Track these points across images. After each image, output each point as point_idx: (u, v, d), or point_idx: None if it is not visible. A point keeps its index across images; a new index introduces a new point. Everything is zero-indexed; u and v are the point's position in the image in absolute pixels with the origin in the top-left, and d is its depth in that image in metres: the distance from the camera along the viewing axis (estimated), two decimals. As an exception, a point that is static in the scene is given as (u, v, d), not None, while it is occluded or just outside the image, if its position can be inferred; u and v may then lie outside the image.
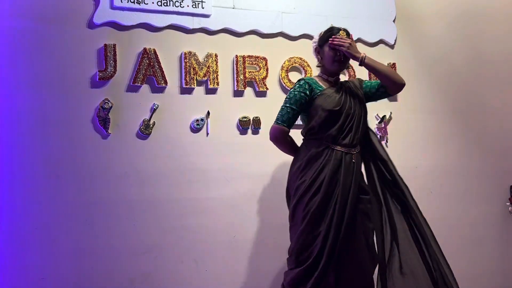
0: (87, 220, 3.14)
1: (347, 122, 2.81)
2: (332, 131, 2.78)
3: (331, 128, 2.78)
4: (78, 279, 3.11)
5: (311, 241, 2.71)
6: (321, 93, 2.82)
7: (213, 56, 3.42)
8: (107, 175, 3.19)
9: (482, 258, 4.12)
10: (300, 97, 2.80)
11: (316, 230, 2.70)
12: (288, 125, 2.83)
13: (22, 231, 3.02)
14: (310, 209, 2.70)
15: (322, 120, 2.77)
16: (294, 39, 3.68)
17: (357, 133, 2.84)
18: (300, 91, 2.82)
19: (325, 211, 2.70)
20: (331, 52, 2.83)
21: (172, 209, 3.31)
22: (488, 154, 4.20)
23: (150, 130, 3.28)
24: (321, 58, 2.90)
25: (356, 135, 2.84)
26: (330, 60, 2.85)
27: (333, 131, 2.78)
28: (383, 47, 3.92)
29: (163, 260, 3.28)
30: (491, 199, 4.19)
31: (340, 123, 2.79)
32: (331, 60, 2.85)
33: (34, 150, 3.06)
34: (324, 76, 2.91)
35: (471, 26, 4.20)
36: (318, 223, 2.70)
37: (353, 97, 2.89)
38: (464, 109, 4.16)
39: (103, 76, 3.18)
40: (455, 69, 4.14)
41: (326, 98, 2.80)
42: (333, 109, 2.78)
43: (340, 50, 2.81)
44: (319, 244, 2.67)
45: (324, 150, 2.78)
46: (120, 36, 3.25)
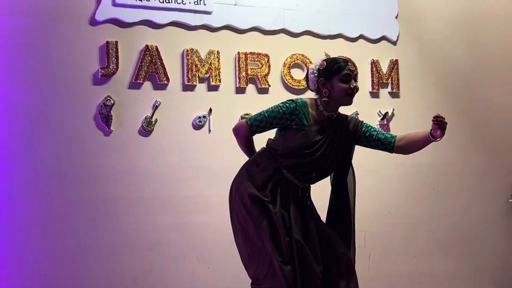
0: (89, 217, 3.14)
1: (313, 169, 2.62)
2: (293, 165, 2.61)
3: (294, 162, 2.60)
4: (81, 276, 3.11)
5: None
6: (301, 128, 2.59)
7: (215, 53, 3.42)
8: (109, 172, 3.19)
9: (484, 255, 4.12)
10: (280, 117, 2.59)
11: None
12: (254, 131, 2.65)
13: (25, 228, 3.03)
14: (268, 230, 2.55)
15: (288, 152, 2.59)
16: (296, 36, 3.67)
17: (318, 179, 2.68)
18: (284, 111, 2.59)
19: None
20: (344, 84, 2.58)
21: (174, 206, 3.31)
22: (491, 151, 4.20)
23: (152, 127, 3.28)
24: (328, 92, 2.60)
25: (315, 180, 2.68)
26: (342, 93, 2.58)
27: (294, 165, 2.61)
28: (386, 44, 3.91)
29: (165, 257, 3.28)
30: (494, 196, 4.19)
31: (305, 165, 2.61)
32: (343, 93, 2.58)
33: (36, 147, 3.06)
34: (321, 108, 2.63)
35: (474, 23, 4.19)
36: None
37: (336, 149, 2.65)
38: (467, 106, 4.15)
39: (105, 73, 3.18)
40: (457, 66, 4.13)
41: (302, 136, 2.58)
42: (302, 151, 2.57)
43: (440, 130, 2.58)
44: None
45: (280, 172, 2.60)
46: (122, 33, 3.25)
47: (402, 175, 3.89)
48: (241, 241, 2.66)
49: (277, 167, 2.60)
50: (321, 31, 3.71)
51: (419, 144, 2.73)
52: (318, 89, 2.65)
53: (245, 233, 2.63)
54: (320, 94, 2.65)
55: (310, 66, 2.71)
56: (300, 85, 3.62)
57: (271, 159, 2.63)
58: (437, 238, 3.99)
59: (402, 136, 2.75)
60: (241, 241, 2.66)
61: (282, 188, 2.61)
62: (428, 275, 3.96)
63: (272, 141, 2.70)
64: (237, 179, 2.72)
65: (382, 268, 3.81)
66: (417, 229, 3.95)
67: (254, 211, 2.58)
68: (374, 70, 3.83)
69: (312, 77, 2.65)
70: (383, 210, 3.85)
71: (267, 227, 2.55)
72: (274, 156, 2.62)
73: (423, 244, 3.97)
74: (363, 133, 2.72)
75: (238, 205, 2.65)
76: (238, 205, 2.64)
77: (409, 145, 2.75)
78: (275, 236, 2.54)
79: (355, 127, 2.71)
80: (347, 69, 2.59)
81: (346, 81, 2.59)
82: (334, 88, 2.60)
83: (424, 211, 3.97)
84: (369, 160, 3.79)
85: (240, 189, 2.65)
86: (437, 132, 2.60)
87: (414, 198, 3.95)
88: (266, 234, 2.55)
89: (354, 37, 3.81)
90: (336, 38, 3.77)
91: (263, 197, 2.57)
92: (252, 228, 2.59)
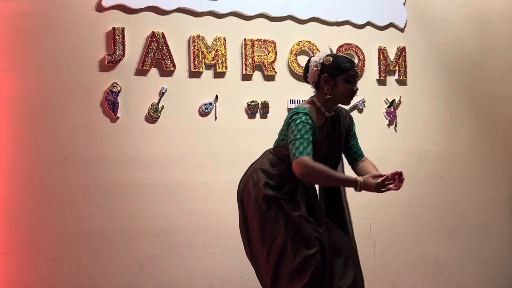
0: (96, 203, 3.15)
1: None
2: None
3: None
4: (88, 261, 3.14)
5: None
6: (316, 139, 2.56)
7: (222, 39, 3.40)
8: (116, 159, 3.20)
9: (491, 243, 4.12)
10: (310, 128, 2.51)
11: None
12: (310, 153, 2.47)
13: (32, 214, 3.05)
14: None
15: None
16: (303, 23, 3.65)
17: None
18: (310, 124, 2.52)
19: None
20: (348, 85, 2.58)
21: (181, 192, 3.32)
22: (498, 140, 4.18)
23: (159, 114, 3.29)
24: (331, 89, 2.59)
25: None
26: (344, 93, 2.59)
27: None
28: (393, 31, 3.88)
29: (171, 243, 3.30)
30: (500, 184, 4.18)
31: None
32: (345, 94, 2.59)
33: (43, 134, 3.07)
34: (322, 109, 2.62)
35: (482, 10, 4.15)
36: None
37: (339, 145, 2.70)
38: (474, 94, 4.13)
39: (112, 60, 3.18)
40: (465, 53, 4.10)
41: (318, 146, 2.57)
42: (317, 158, 2.53)
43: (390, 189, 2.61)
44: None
45: (292, 176, 2.56)
46: (129, 19, 3.24)
47: (409, 163, 3.88)
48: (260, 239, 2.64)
49: (292, 173, 2.56)
50: (328, 17, 3.69)
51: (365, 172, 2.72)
52: (318, 84, 2.63)
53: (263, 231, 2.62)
54: (319, 89, 2.64)
55: (312, 58, 2.66)
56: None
57: (283, 163, 2.63)
58: (443, 226, 3.99)
59: (364, 161, 2.79)
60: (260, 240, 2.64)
61: (297, 189, 2.62)
62: (433, 263, 3.96)
63: (281, 149, 2.65)
64: (250, 178, 2.71)
65: (387, 256, 3.82)
66: (423, 217, 3.95)
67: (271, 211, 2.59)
68: (381, 57, 3.80)
69: (315, 70, 2.62)
70: (389, 198, 3.83)
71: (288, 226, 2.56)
72: (288, 162, 2.58)
73: (429, 232, 3.97)
74: (349, 135, 2.78)
75: (252, 205, 2.66)
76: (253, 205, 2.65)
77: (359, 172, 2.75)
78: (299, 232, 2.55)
79: (349, 125, 2.78)
80: (353, 70, 2.60)
81: (350, 82, 2.59)
82: (338, 87, 2.59)
83: (431, 199, 3.97)
84: (375, 148, 3.78)
85: (256, 188, 2.65)
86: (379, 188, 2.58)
87: (421, 186, 3.94)
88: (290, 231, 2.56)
89: (362, 23, 3.79)
90: (343, 25, 3.74)
91: (279, 194, 2.58)
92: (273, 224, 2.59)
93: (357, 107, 3.76)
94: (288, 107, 3.57)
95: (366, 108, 3.78)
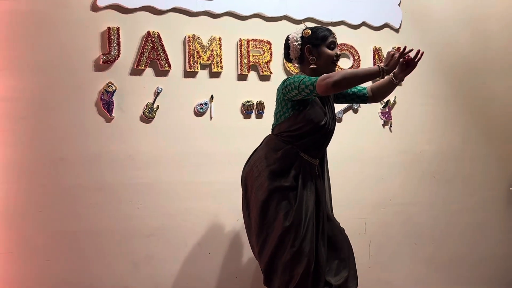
0: (91, 203, 3.15)
1: (324, 139, 2.73)
2: (310, 144, 2.68)
3: (311, 140, 2.68)
4: (83, 261, 3.14)
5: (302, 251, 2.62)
6: (312, 102, 2.66)
7: (217, 39, 3.41)
8: (111, 159, 3.20)
9: (485, 243, 4.14)
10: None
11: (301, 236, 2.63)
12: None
13: (27, 213, 3.05)
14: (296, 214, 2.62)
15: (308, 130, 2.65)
16: (299, 23, 3.64)
17: (324, 150, 2.81)
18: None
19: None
20: (331, 52, 2.70)
21: (176, 192, 3.32)
22: (492, 140, 4.20)
23: (154, 114, 3.29)
24: (316, 59, 2.70)
25: (323, 152, 2.80)
26: (329, 60, 2.71)
27: (311, 144, 2.69)
28: (388, 31, 3.89)
29: (166, 243, 3.30)
30: (495, 184, 4.19)
31: (320, 139, 2.71)
32: (330, 60, 2.71)
33: (38, 133, 3.07)
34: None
35: (477, 11, 4.16)
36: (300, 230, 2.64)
37: (332, 111, 2.77)
38: (469, 94, 4.14)
39: (107, 59, 3.18)
40: (460, 54, 4.12)
41: (315, 110, 2.66)
42: (319, 125, 2.66)
43: (407, 70, 2.65)
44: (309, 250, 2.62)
45: (299, 156, 2.67)
46: (124, 19, 3.23)
47: (403, 162, 3.90)
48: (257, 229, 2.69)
49: (296, 152, 2.66)
50: (324, 18, 3.70)
51: (385, 89, 2.85)
52: (302, 57, 2.74)
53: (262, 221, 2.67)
54: (304, 62, 2.75)
55: (289, 35, 2.79)
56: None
57: (287, 144, 2.67)
58: (437, 225, 4.01)
59: (370, 86, 2.92)
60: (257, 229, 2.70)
61: (303, 171, 2.67)
62: (428, 262, 3.98)
63: (281, 126, 2.71)
64: (254, 167, 2.74)
65: (382, 256, 3.83)
66: (418, 216, 3.97)
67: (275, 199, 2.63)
68: (376, 58, 3.81)
69: (296, 44, 2.73)
70: (383, 198, 3.86)
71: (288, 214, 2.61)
72: (291, 140, 2.66)
73: (424, 231, 3.98)
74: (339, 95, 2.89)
75: (256, 192, 2.69)
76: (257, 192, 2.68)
77: (377, 91, 2.88)
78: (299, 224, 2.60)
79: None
80: (332, 37, 2.73)
81: (332, 48, 2.72)
82: (322, 55, 2.71)
83: (425, 199, 3.98)
84: (370, 148, 3.80)
85: (260, 177, 2.68)
86: (401, 71, 2.69)
87: (415, 186, 3.95)
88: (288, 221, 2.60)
89: (357, 24, 3.80)
90: (338, 25, 3.75)
91: (284, 183, 2.63)
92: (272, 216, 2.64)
93: (352, 107, 3.77)
94: (283, 107, 3.58)
95: (361, 108, 3.79)
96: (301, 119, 2.65)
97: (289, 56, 2.80)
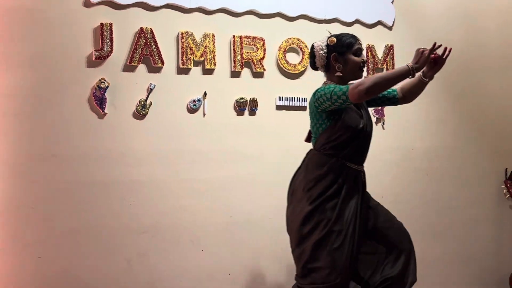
0: (83, 200, 3.14)
1: (365, 143, 2.73)
2: (354, 150, 2.67)
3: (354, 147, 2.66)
4: (75, 258, 3.12)
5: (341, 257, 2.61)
6: (347, 109, 2.65)
7: (210, 36, 3.40)
8: (103, 155, 3.18)
9: (476, 240, 4.17)
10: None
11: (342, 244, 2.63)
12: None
13: (19, 210, 3.02)
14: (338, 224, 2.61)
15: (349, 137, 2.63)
16: (292, 20, 3.65)
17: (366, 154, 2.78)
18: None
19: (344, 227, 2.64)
20: (357, 59, 2.69)
21: (169, 189, 3.31)
22: (484, 137, 4.22)
23: (147, 111, 3.27)
24: (342, 66, 2.69)
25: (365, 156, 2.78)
26: (355, 67, 2.70)
27: (354, 150, 2.67)
28: (381, 29, 3.90)
29: (159, 240, 3.29)
30: (486, 181, 4.22)
31: (361, 144, 2.70)
32: (357, 67, 2.70)
33: (30, 129, 3.05)
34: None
35: (470, 8, 4.18)
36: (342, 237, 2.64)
37: (366, 111, 2.77)
38: (461, 91, 4.16)
39: (100, 56, 3.16)
40: (453, 51, 4.07)
41: (352, 116, 2.65)
42: (357, 129, 2.64)
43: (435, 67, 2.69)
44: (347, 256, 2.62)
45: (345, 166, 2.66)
46: (117, 15, 3.22)
47: (396, 160, 3.91)
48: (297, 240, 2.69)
49: (341, 164, 2.64)
50: (317, 15, 3.70)
51: (416, 89, 2.85)
52: (328, 65, 2.72)
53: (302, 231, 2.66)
54: (330, 70, 2.73)
55: (315, 44, 2.76)
56: (295, 69, 3.61)
57: (331, 157, 2.65)
58: (429, 222, 4.02)
59: (400, 87, 2.87)
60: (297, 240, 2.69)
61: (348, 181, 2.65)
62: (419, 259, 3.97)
63: (321, 139, 2.68)
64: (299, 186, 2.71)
65: (374, 252, 3.84)
66: (410, 213, 3.97)
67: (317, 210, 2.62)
68: (369, 55, 3.82)
69: (322, 53, 2.72)
70: (376, 194, 3.84)
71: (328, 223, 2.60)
72: (334, 152, 2.64)
73: (415, 228, 3.97)
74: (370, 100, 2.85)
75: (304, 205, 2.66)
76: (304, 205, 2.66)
77: (408, 92, 2.87)
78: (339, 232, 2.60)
79: None
80: (358, 43, 2.72)
81: (358, 55, 2.71)
82: (348, 62, 2.69)
83: (417, 196, 4.00)
84: (363, 145, 3.81)
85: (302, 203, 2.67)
86: (430, 69, 2.71)
87: (407, 183, 3.97)
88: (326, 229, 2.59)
89: (350, 21, 3.80)
90: (332, 22, 3.75)
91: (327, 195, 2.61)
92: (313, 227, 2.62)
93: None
94: (277, 104, 3.57)
95: (354, 106, 3.80)
96: (339, 128, 2.62)
97: (315, 64, 2.78)
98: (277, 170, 3.53)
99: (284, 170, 3.56)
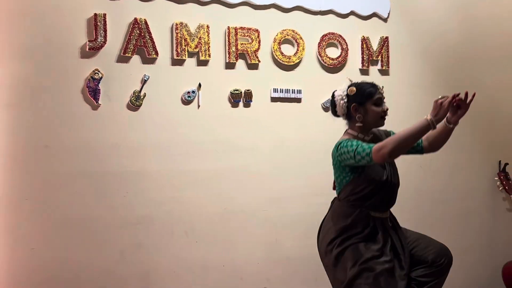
0: (77, 191, 3.13)
1: (390, 193, 2.70)
2: (377, 201, 2.65)
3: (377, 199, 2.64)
4: (68, 250, 3.12)
5: None
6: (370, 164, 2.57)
7: (205, 27, 3.38)
8: (97, 147, 3.17)
9: (470, 232, 4.18)
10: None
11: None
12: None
13: (12, 201, 3.01)
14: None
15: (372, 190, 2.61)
16: (287, 11, 3.64)
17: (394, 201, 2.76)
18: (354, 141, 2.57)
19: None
20: (377, 108, 2.66)
21: (163, 180, 3.31)
22: (478, 129, 4.23)
23: (141, 102, 3.26)
24: (363, 117, 2.65)
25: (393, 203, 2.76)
26: (376, 117, 2.66)
27: (378, 201, 2.65)
28: (376, 21, 3.89)
29: (153, 231, 3.29)
30: (480, 174, 4.23)
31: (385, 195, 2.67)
32: (378, 116, 2.66)
33: (23, 120, 3.03)
34: (360, 136, 2.67)
35: (465, 1, 4.18)
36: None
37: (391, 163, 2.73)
38: (456, 84, 4.16)
39: (93, 46, 3.14)
40: (448, 44, 4.13)
41: (374, 169, 2.61)
42: (380, 182, 2.62)
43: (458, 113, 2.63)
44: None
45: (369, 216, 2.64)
46: (111, 5, 3.20)
47: (390, 152, 3.91)
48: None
49: (366, 214, 2.63)
50: (312, 6, 3.68)
51: (442, 137, 2.79)
52: (349, 114, 2.70)
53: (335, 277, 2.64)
54: (351, 119, 2.71)
55: (335, 93, 2.73)
56: (290, 61, 3.60)
57: (355, 208, 2.64)
58: (423, 215, 4.04)
59: (425, 136, 2.76)
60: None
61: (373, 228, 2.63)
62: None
63: (345, 190, 2.66)
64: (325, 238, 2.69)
65: (368, 244, 3.85)
66: (404, 206, 3.97)
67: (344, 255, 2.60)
68: (364, 47, 3.81)
69: (342, 103, 2.68)
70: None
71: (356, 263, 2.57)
72: (359, 203, 2.63)
73: (410, 221, 4.00)
74: None
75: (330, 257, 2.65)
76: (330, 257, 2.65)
77: (434, 141, 2.83)
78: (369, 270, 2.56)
79: (386, 134, 2.82)
80: (378, 93, 2.68)
81: (379, 104, 2.67)
82: (369, 112, 2.66)
83: (411, 189, 4.00)
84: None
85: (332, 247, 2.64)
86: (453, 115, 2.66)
87: (402, 175, 3.95)
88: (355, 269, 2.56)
89: (345, 13, 3.79)
90: (327, 14, 3.74)
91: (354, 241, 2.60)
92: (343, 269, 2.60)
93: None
94: (272, 96, 3.57)
95: (349, 98, 3.79)
96: (362, 181, 2.61)
97: (336, 113, 2.76)
98: (272, 161, 3.53)
99: (279, 161, 3.58)
